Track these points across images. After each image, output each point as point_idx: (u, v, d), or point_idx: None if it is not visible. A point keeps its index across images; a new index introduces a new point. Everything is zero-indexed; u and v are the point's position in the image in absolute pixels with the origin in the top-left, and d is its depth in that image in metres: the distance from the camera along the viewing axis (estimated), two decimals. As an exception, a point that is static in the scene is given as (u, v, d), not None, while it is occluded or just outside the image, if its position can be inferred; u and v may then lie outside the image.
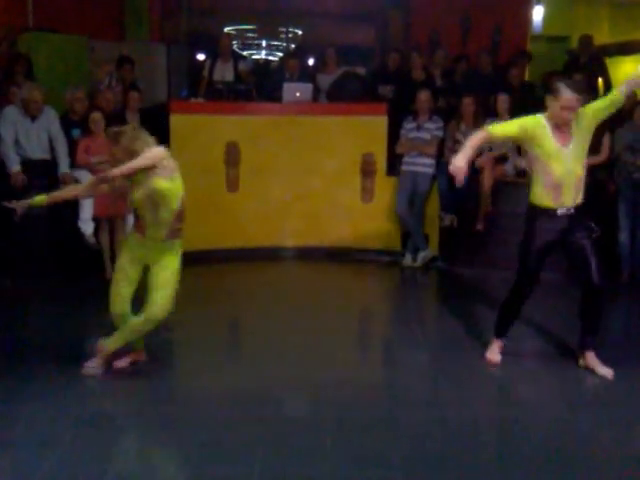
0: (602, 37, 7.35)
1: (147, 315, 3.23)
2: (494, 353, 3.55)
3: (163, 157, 3.05)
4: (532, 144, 3.26)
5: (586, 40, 6.79)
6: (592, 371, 3.34)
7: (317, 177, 5.92)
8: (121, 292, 3.26)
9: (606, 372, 3.32)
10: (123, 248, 3.31)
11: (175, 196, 3.11)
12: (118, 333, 3.31)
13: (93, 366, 3.29)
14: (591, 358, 3.37)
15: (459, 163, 3.17)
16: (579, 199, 3.31)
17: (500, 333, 3.59)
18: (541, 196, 3.29)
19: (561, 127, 3.22)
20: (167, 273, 3.21)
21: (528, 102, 5.96)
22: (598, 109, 3.27)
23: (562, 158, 3.22)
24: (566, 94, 3.15)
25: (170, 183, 3.07)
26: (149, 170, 3.03)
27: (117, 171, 3.02)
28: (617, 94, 3.26)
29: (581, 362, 3.43)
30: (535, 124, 3.25)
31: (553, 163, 3.22)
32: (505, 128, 3.34)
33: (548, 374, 3.48)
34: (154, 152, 3.03)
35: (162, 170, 3.04)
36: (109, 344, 3.30)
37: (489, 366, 3.51)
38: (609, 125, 5.53)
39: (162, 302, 3.19)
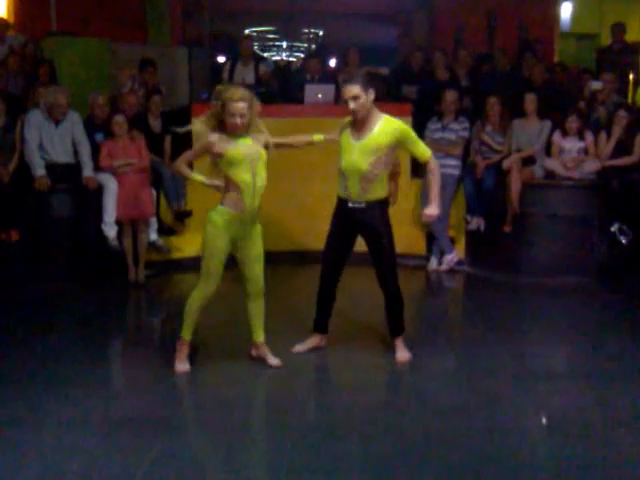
0: (633, 35, 7.17)
1: (257, 291, 3.36)
2: (303, 346, 3.66)
3: None
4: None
5: (618, 28, 6.61)
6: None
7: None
8: (220, 272, 3.29)
9: (401, 357, 3.56)
10: (213, 230, 3.22)
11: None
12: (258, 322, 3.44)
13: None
14: (395, 343, 3.63)
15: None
16: (369, 195, 3.40)
17: (315, 328, 3.67)
18: (338, 186, 3.49)
19: (358, 121, 3.36)
20: (259, 245, 3.34)
21: (552, 101, 5.85)
22: (405, 143, 3.38)
23: (350, 150, 3.37)
24: (343, 88, 3.36)
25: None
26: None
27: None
28: (424, 158, 3.41)
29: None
30: (342, 124, 3.48)
31: (343, 154, 3.41)
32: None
33: (579, 384, 3.37)
34: None
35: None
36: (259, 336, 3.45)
37: (510, 372, 3.45)
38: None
39: (261, 275, 3.35)
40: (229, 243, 3.28)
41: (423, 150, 3.44)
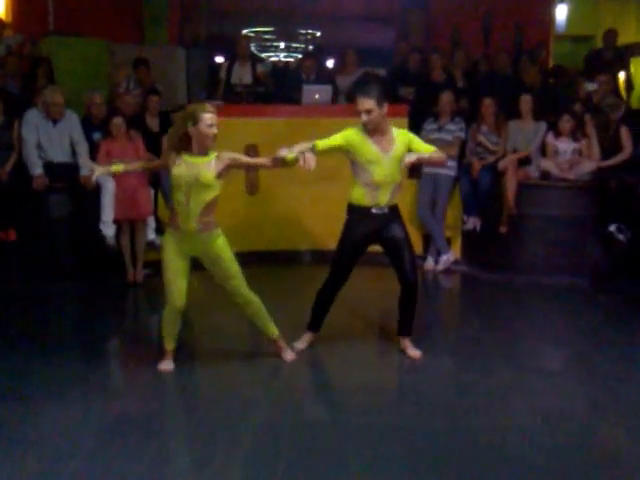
0: (629, 36, 7.22)
1: (240, 302, 3.43)
2: (302, 344, 3.73)
3: None
4: (354, 152, 3.47)
5: (611, 35, 6.68)
6: (404, 352, 3.68)
7: (337, 180, 5.84)
8: (178, 285, 3.32)
9: (414, 354, 3.65)
10: (163, 242, 3.40)
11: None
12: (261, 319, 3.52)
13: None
14: (405, 342, 3.71)
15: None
16: (393, 201, 3.56)
17: (312, 327, 3.75)
18: (358, 196, 3.53)
19: (377, 134, 3.44)
20: (222, 264, 3.33)
21: (548, 102, 5.89)
22: (415, 145, 3.50)
23: (381, 163, 3.45)
24: (357, 99, 3.39)
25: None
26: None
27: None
28: (432, 150, 3.51)
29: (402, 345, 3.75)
30: (353, 134, 3.47)
31: (372, 166, 3.45)
32: (329, 141, 3.46)
33: (574, 383, 3.41)
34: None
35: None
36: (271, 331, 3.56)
37: (505, 373, 3.47)
38: (624, 118, 5.42)
39: (238, 288, 3.38)
40: (182, 257, 3.32)
41: (428, 146, 3.59)
